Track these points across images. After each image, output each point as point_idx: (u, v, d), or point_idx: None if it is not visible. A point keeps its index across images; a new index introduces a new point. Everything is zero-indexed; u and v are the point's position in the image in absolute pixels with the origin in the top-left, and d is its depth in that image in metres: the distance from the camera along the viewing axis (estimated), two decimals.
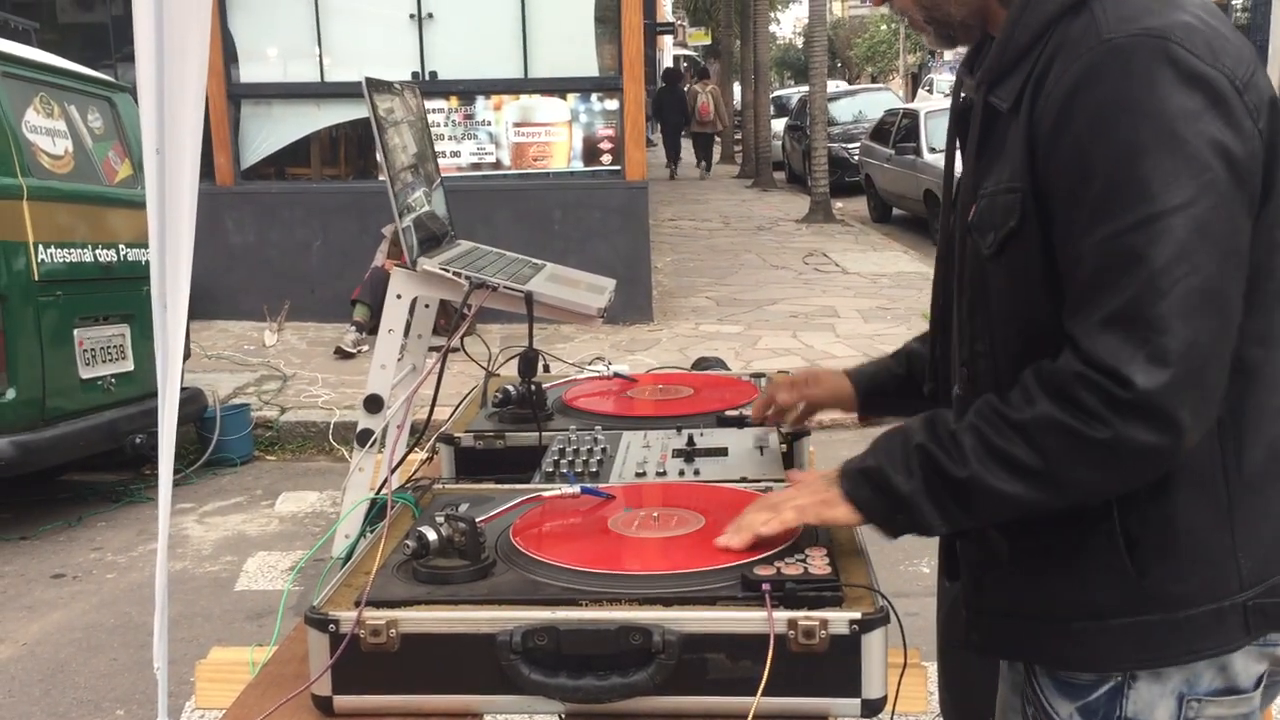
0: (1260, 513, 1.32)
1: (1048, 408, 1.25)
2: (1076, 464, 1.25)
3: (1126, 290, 1.21)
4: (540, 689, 1.31)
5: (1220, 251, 1.21)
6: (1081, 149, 1.24)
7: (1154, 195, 1.19)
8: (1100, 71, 1.23)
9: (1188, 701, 1.35)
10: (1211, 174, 1.20)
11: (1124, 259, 1.21)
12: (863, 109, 20.88)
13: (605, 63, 9.29)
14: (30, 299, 5.18)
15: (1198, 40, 1.22)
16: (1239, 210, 1.23)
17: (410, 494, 1.76)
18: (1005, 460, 1.27)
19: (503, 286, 2.03)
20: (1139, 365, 1.19)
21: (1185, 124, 1.20)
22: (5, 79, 5.26)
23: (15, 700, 3.80)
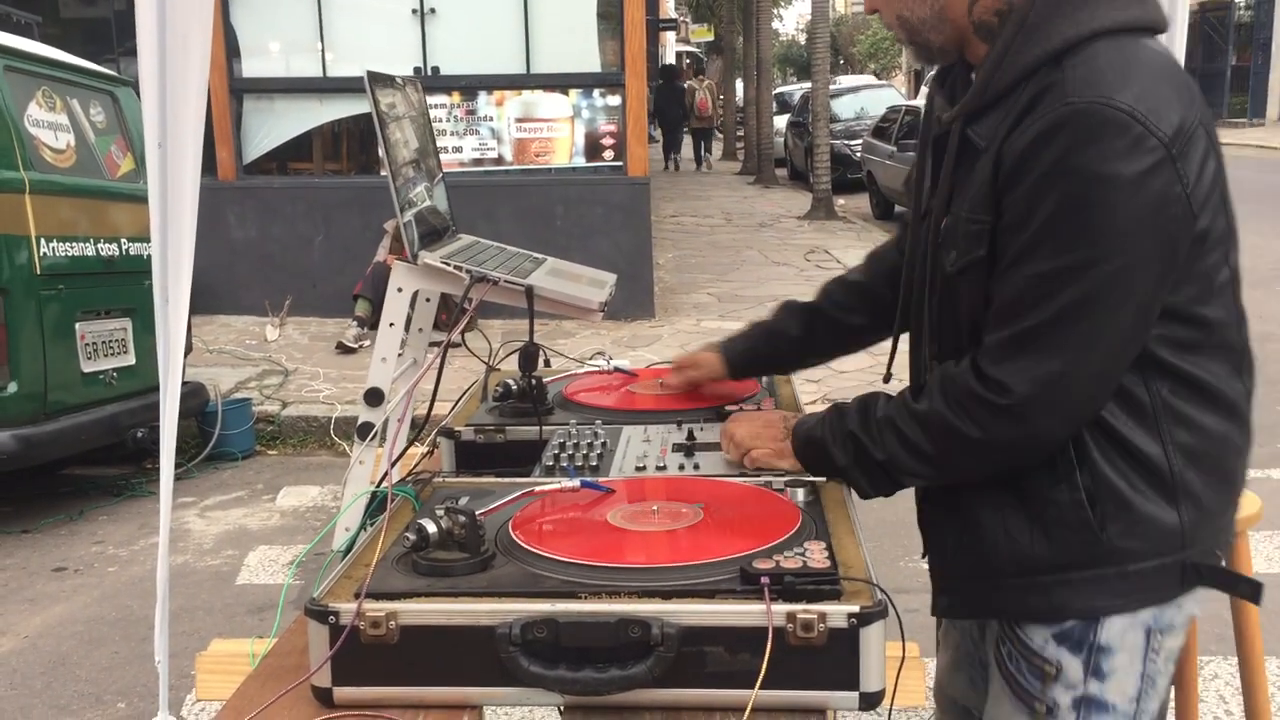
0: (1199, 484, 1.53)
1: (939, 407, 1.52)
2: (957, 454, 1.54)
3: (1032, 319, 1.43)
4: (539, 681, 1.31)
5: (1121, 303, 1.41)
6: (1031, 195, 1.41)
7: (1078, 247, 1.39)
8: (1059, 130, 1.38)
9: (1154, 633, 1.56)
10: (1140, 233, 1.39)
11: (1038, 295, 1.42)
12: (865, 106, 20.87)
13: (608, 59, 9.29)
14: (32, 293, 5.19)
15: (1147, 108, 1.38)
16: (1153, 268, 1.42)
17: (410, 487, 1.77)
18: (910, 445, 1.56)
19: (504, 280, 2.03)
20: (1019, 380, 1.44)
21: (1121, 188, 1.37)
22: (8, 73, 5.26)
23: (17, 693, 3.81)
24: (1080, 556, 1.53)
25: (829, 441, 1.65)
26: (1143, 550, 1.52)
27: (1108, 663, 1.55)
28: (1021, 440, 1.48)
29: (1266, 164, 20.10)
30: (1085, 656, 1.55)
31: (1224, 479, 1.57)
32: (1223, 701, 3.44)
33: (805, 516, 1.56)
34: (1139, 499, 1.51)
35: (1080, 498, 1.51)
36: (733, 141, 27.55)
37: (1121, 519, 1.51)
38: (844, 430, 1.63)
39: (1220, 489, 1.56)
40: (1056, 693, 1.56)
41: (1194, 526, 1.53)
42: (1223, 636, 3.47)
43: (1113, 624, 1.54)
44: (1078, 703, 1.56)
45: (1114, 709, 1.56)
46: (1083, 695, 1.56)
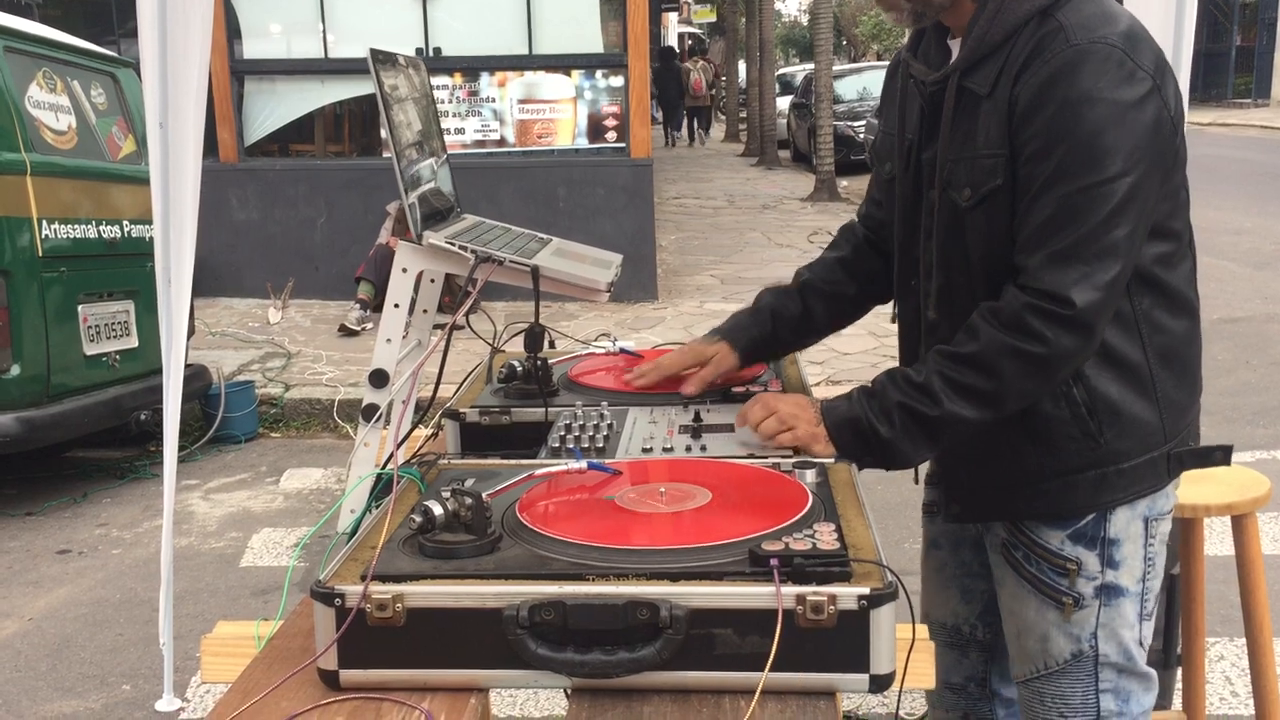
0: (1172, 383, 1.78)
1: (1000, 337, 1.64)
2: (1024, 379, 1.66)
3: (1072, 235, 1.61)
4: (547, 664, 1.31)
5: (1139, 213, 1.63)
6: (1052, 126, 1.61)
7: (1104, 166, 1.59)
8: (1068, 69, 1.60)
9: (1150, 521, 1.83)
10: (1142, 151, 1.60)
11: (1074, 211, 1.60)
12: (868, 86, 20.79)
13: (610, 40, 9.25)
14: (34, 275, 5.17)
15: (1134, 47, 1.62)
16: (1157, 179, 1.65)
17: (416, 469, 1.76)
18: (967, 391, 1.67)
19: (509, 260, 2.01)
20: (1078, 289, 1.60)
21: (1128, 111, 1.59)
22: (8, 54, 5.24)
23: (22, 675, 3.82)
24: (1082, 461, 1.76)
25: (871, 417, 1.71)
26: (1133, 449, 1.76)
27: (1118, 552, 1.81)
28: (1082, 347, 1.64)
29: (1271, 144, 20.03)
30: (1100, 550, 1.80)
31: (1190, 375, 1.82)
32: (1229, 683, 3.44)
33: (814, 498, 1.55)
34: (1127, 403, 1.74)
35: (1081, 411, 1.73)
36: (735, 123, 27.48)
37: (1115, 424, 1.75)
38: (887, 403, 1.71)
39: (1188, 385, 1.82)
40: (1080, 585, 1.81)
41: (1172, 421, 1.78)
42: (1228, 618, 3.47)
43: (1117, 518, 1.79)
44: (1099, 591, 1.81)
45: (1127, 591, 1.83)
46: (1102, 584, 1.81)
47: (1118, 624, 1.84)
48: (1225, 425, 5.87)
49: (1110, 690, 1.86)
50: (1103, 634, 1.83)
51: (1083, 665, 1.85)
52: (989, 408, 1.67)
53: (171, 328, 2.94)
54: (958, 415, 1.67)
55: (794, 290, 2.17)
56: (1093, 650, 1.84)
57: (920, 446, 1.72)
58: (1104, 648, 1.84)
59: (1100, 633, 1.83)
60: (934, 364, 1.70)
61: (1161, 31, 2.73)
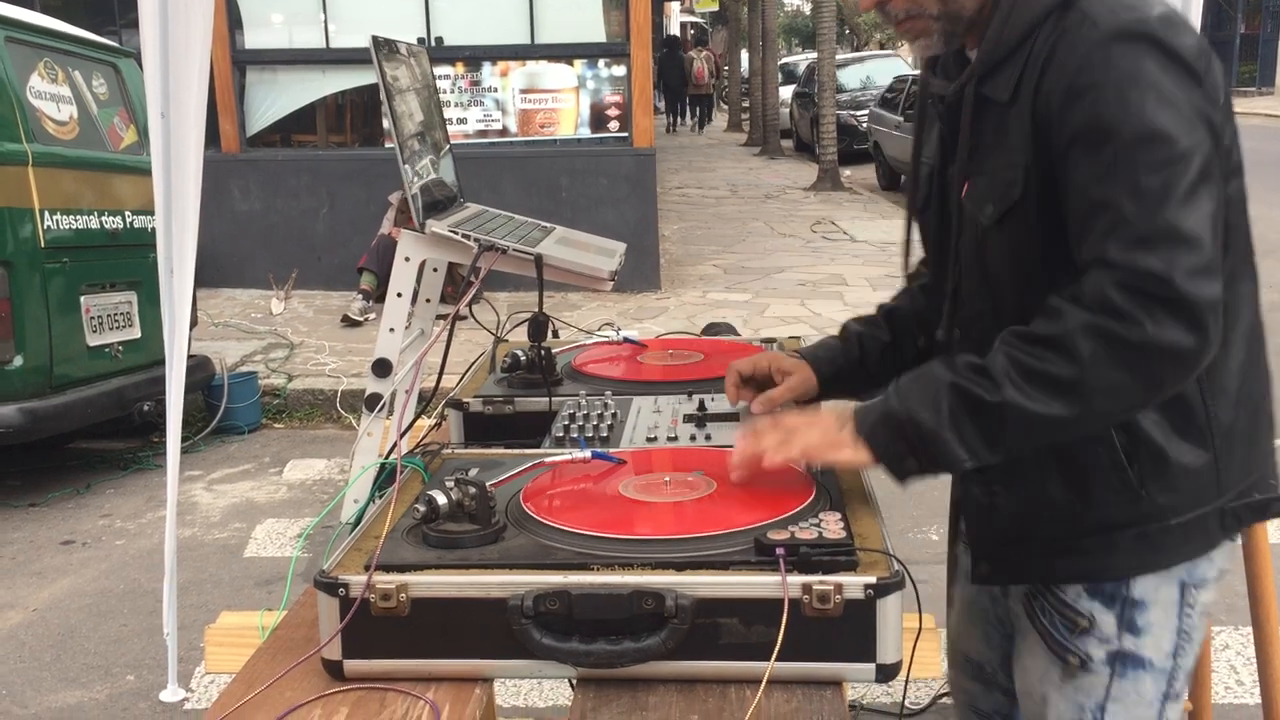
0: (1232, 428, 1.50)
1: (1084, 316, 1.34)
2: (1111, 367, 1.33)
3: (1158, 214, 1.32)
4: (552, 653, 1.30)
5: (1217, 189, 1.36)
6: (1097, 116, 1.37)
7: (1171, 142, 1.33)
8: (1101, 53, 1.38)
9: (1188, 588, 1.55)
10: (1200, 131, 1.36)
11: (1153, 192, 1.32)
12: (871, 75, 20.74)
13: (612, 29, 9.22)
14: (37, 266, 5.17)
15: (1171, 29, 1.39)
16: (1218, 163, 1.39)
17: (420, 459, 1.75)
18: (1039, 377, 1.35)
19: (512, 249, 2.01)
20: (1178, 268, 1.30)
21: (1176, 93, 1.36)
22: (9, 44, 5.22)
23: (26, 665, 3.82)
24: (1122, 517, 1.50)
25: (912, 405, 1.42)
26: (1181, 504, 1.49)
27: (1142, 617, 1.54)
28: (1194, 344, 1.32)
29: (1275, 133, 19.97)
30: (1118, 610, 1.54)
31: (1257, 416, 1.54)
32: (1234, 671, 3.43)
33: (820, 487, 1.54)
34: (1175, 449, 1.47)
35: (1119, 458, 1.47)
36: (738, 113, 27.44)
37: (1160, 475, 1.48)
38: (936, 387, 1.42)
39: (1254, 427, 1.53)
40: (1090, 645, 1.55)
41: (1229, 472, 1.50)
42: (1233, 607, 3.46)
43: (1145, 579, 1.53)
44: (1112, 657, 1.55)
45: (1150, 664, 1.55)
46: (1118, 650, 1.55)
47: (1133, 702, 1.56)
48: None
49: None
50: (1113, 710, 1.57)
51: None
52: (1065, 401, 1.34)
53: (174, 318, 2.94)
54: (1023, 407, 1.35)
55: (879, 318, 1.93)
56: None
57: (974, 443, 1.39)
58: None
59: (1110, 708, 1.57)
60: (1001, 344, 1.41)
61: None
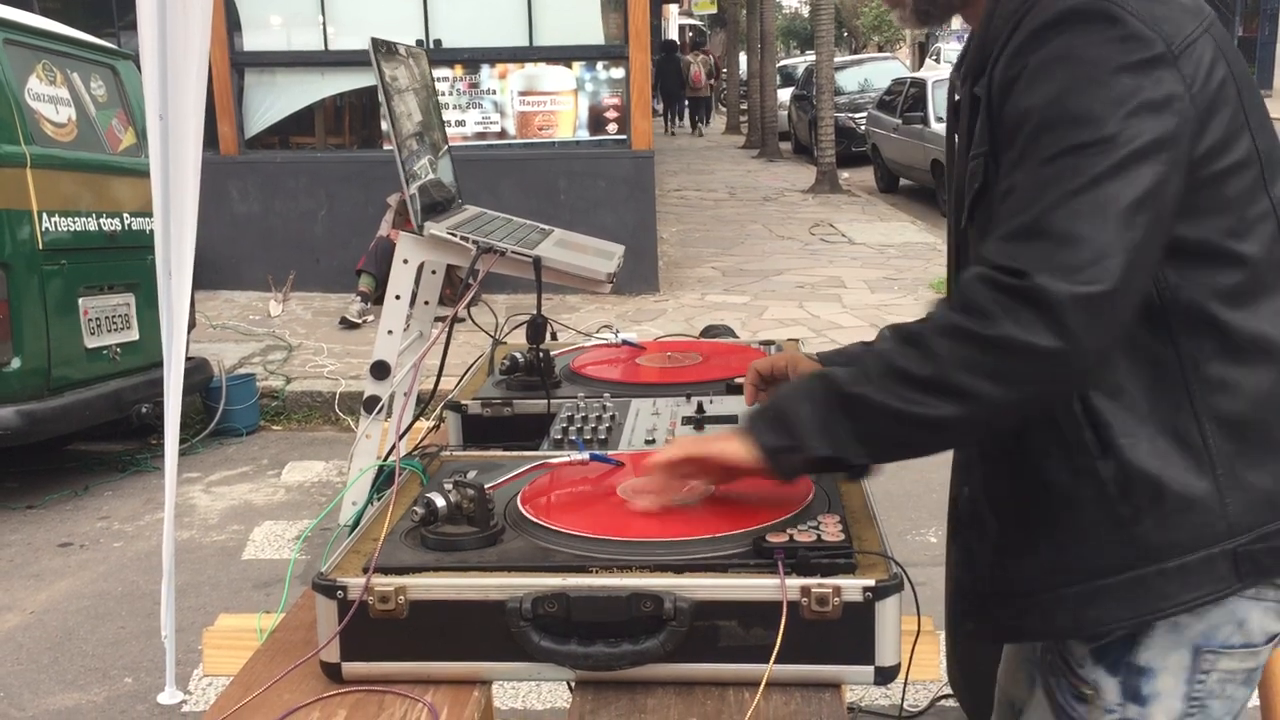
0: (1246, 460, 1.34)
1: (946, 315, 1.27)
2: (964, 368, 1.24)
3: (1036, 208, 1.23)
4: (550, 656, 1.30)
5: (1133, 189, 1.22)
6: (1023, 97, 1.29)
7: (1080, 130, 1.23)
8: (1050, 27, 1.28)
9: (1203, 653, 1.38)
10: (1148, 122, 1.23)
11: (1043, 184, 1.24)
12: (869, 78, 20.75)
13: (611, 31, 9.22)
14: (35, 268, 5.16)
15: (1140, 6, 1.27)
16: (1161, 160, 1.24)
17: (418, 461, 1.75)
18: (897, 374, 1.27)
19: (510, 251, 2.01)
20: (1038, 265, 1.20)
21: (1121, 74, 1.24)
22: (7, 46, 5.22)
23: (24, 668, 3.81)
24: (1115, 559, 1.36)
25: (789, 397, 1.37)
26: (1182, 541, 1.34)
27: (1148, 685, 1.40)
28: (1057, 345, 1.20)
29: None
30: (1122, 678, 1.41)
31: (1277, 447, 1.36)
32: None
33: (818, 490, 1.54)
34: (1173, 479, 1.33)
35: (1109, 490, 1.34)
36: (736, 115, 27.46)
37: (1157, 508, 1.33)
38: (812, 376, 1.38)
39: (1272, 459, 1.35)
40: (1093, 714, 1.44)
41: (1241, 507, 1.33)
42: None
43: (1154, 641, 1.39)
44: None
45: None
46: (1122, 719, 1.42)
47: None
48: None
49: None
50: None
51: None
52: (918, 401, 1.25)
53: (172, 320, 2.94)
54: (877, 402, 1.27)
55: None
56: None
57: (840, 438, 1.30)
58: None
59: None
60: (880, 339, 1.36)
61: None
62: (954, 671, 2.26)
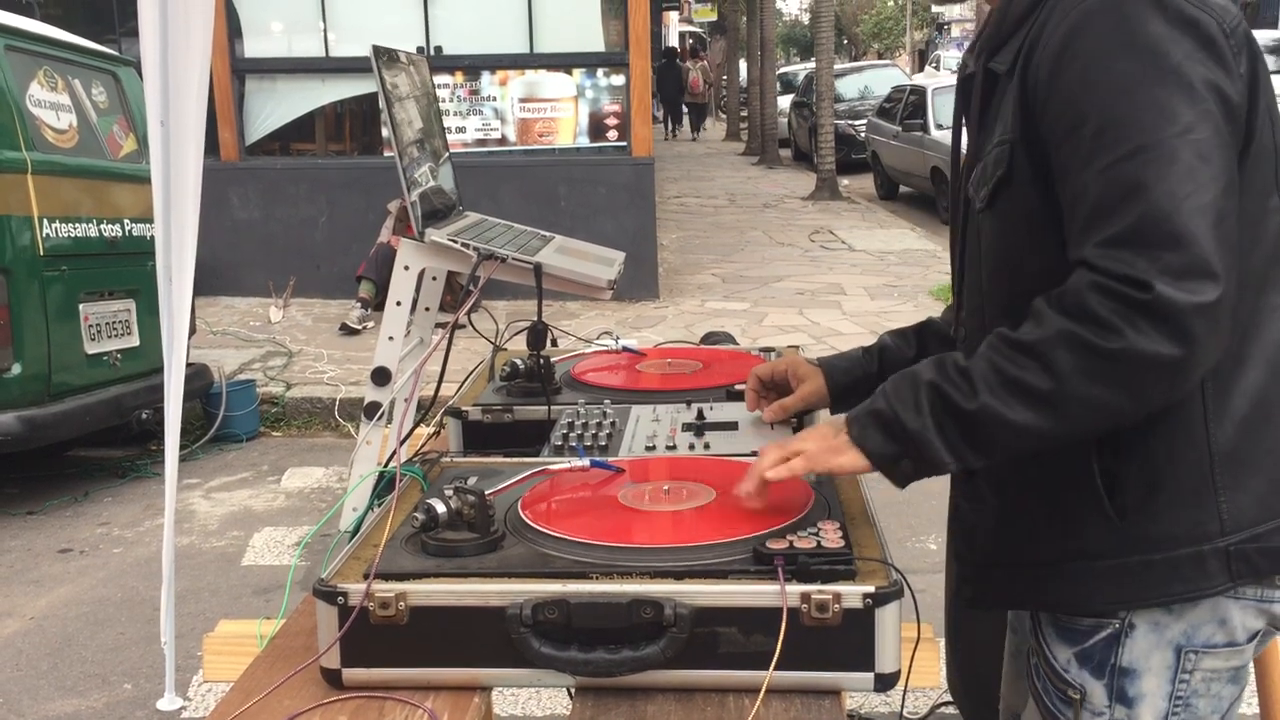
0: (1243, 459, 1.34)
1: (1060, 323, 1.24)
2: (1088, 380, 1.23)
3: (1133, 213, 1.21)
4: (551, 662, 1.30)
5: (1221, 176, 1.22)
6: (1077, 91, 1.27)
7: (1150, 125, 1.22)
8: (1094, 19, 1.27)
9: (1185, 653, 1.39)
10: (1206, 104, 1.23)
11: (1126, 186, 1.22)
12: (869, 85, 20.78)
13: (611, 38, 9.24)
14: (36, 274, 5.17)
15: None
16: (1232, 145, 1.26)
17: (419, 467, 1.75)
18: (1015, 385, 1.26)
19: (511, 258, 2.01)
20: (1155, 274, 1.19)
21: (1178, 60, 1.23)
22: (9, 52, 5.23)
23: (23, 674, 3.81)
24: (1103, 544, 1.37)
25: (896, 405, 1.35)
26: (1167, 535, 1.35)
27: (1134, 687, 1.41)
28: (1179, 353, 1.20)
29: None
30: (1108, 681, 1.42)
31: (1274, 446, 1.36)
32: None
33: (818, 496, 1.54)
34: (1167, 473, 1.34)
35: (1105, 481, 1.36)
36: (736, 122, 27.50)
37: (1150, 501, 1.35)
38: (917, 385, 1.35)
39: (1269, 458, 1.35)
40: (1083, 718, 1.45)
41: (1234, 501, 1.33)
42: None
43: (1136, 641, 1.40)
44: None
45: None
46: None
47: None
48: None
49: None
50: None
51: None
52: (1042, 413, 1.26)
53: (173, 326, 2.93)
54: (999, 415, 1.27)
55: (912, 332, 1.88)
56: None
57: (958, 446, 1.32)
58: None
59: None
60: (985, 347, 1.32)
61: None
62: (954, 678, 2.26)
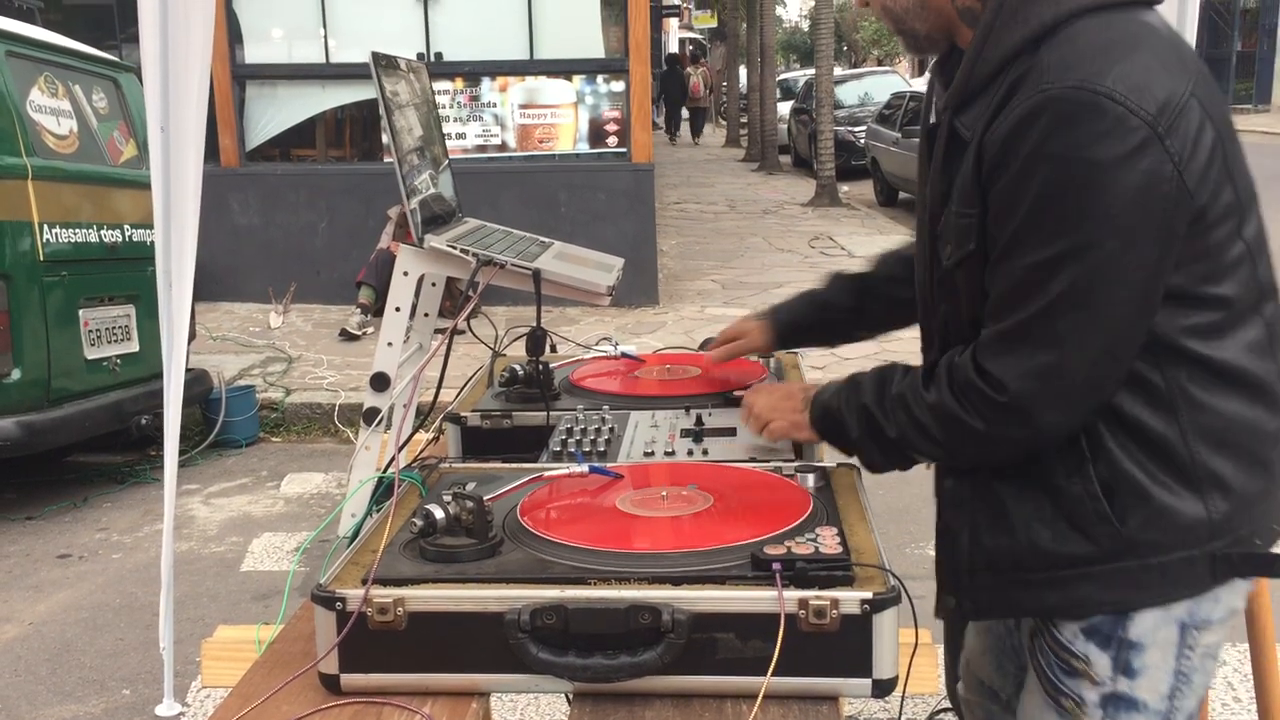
0: (1225, 471, 1.46)
1: (947, 398, 1.48)
2: (963, 444, 1.50)
3: (1022, 313, 1.39)
4: (548, 668, 1.30)
5: (1118, 290, 1.36)
6: (1014, 185, 1.37)
7: (1064, 235, 1.34)
8: (1036, 117, 1.34)
9: (1189, 630, 1.50)
10: (1122, 219, 1.33)
11: (1027, 287, 1.38)
12: (869, 92, 20.80)
13: (611, 45, 9.25)
14: (35, 279, 5.17)
15: (1127, 88, 1.32)
16: (1148, 250, 1.35)
17: (417, 473, 1.75)
18: (919, 429, 1.52)
19: (510, 264, 2.01)
20: (1015, 378, 1.41)
21: (1104, 171, 1.32)
22: (10, 58, 5.24)
23: (22, 680, 3.81)
24: (1099, 551, 1.46)
25: (844, 413, 1.62)
26: (1165, 542, 1.46)
27: (1138, 659, 1.50)
28: (1024, 435, 1.44)
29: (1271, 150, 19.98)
30: (1114, 652, 1.50)
31: (1256, 463, 1.48)
32: (1231, 688, 3.43)
33: (816, 502, 1.55)
34: (1158, 489, 1.44)
35: (1095, 490, 1.45)
36: (736, 128, 27.53)
37: (1140, 511, 1.45)
38: (858, 403, 1.59)
39: (1253, 474, 1.48)
40: (1083, 688, 1.52)
41: (1224, 516, 1.46)
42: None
43: (1143, 619, 1.49)
44: (1105, 700, 1.52)
45: (1144, 706, 1.51)
46: (1111, 692, 1.51)
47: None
48: None
49: None
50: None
51: None
52: (942, 453, 1.54)
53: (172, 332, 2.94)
54: (911, 444, 1.55)
55: (855, 279, 2.10)
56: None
57: (889, 457, 1.60)
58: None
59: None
60: (906, 386, 1.55)
61: None
62: (952, 685, 2.26)
